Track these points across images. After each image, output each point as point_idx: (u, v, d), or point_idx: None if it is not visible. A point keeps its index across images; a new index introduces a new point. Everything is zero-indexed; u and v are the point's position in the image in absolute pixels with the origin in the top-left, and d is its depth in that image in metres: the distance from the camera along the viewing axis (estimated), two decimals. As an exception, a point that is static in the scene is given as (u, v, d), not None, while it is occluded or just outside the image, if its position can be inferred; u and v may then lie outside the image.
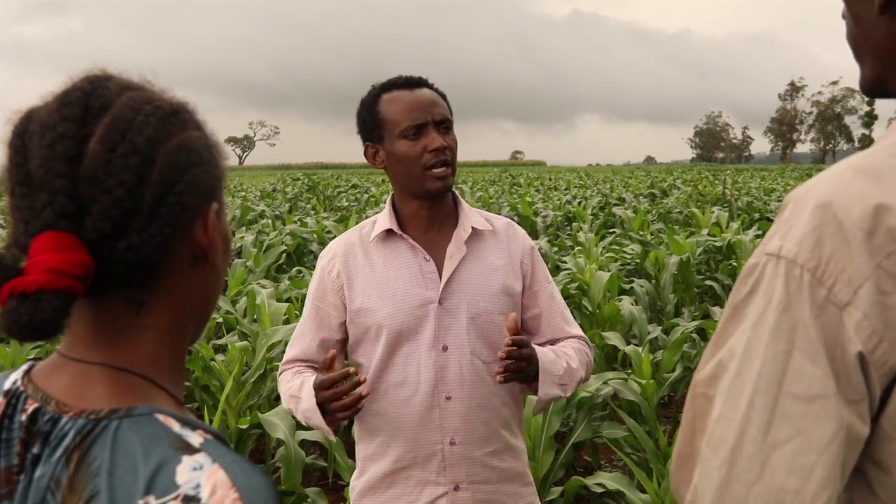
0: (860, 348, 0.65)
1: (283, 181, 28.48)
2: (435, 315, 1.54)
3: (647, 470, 3.03)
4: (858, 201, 0.67)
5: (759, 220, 11.18)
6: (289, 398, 1.56)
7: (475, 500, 1.53)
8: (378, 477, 1.56)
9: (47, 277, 0.57)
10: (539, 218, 11.80)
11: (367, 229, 1.64)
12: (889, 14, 0.75)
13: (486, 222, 1.64)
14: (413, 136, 1.52)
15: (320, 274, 1.63)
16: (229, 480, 0.57)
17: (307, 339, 1.62)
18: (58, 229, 0.59)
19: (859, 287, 0.65)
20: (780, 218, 0.72)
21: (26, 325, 0.57)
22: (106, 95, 0.63)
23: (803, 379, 0.66)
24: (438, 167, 1.52)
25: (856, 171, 0.70)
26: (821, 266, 0.67)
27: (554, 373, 1.53)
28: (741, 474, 0.67)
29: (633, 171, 51.04)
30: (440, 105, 1.56)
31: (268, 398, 3.81)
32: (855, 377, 0.66)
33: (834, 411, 0.65)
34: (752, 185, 23.33)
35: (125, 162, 0.61)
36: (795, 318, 0.67)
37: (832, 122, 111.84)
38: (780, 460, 0.66)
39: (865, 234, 0.66)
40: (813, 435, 0.65)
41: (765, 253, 0.71)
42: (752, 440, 0.67)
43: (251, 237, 8.56)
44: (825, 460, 0.65)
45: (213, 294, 0.73)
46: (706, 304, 6.01)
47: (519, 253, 1.64)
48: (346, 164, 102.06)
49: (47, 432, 0.61)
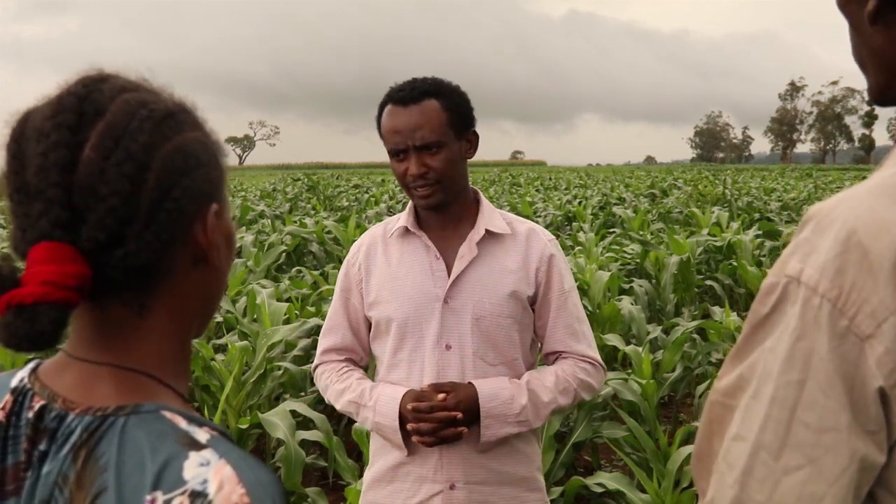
0: (881, 383, 0.64)
1: (283, 181, 28.47)
2: (440, 313, 1.55)
3: (647, 470, 3.03)
4: (885, 230, 0.65)
5: (759, 220, 11.18)
6: (347, 402, 1.60)
7: (471, 500, 1.54)
8: (383, 470, 1.61)
9: (43, 290, 0.57)
10: (539, 218, 11.80)
11: (391, 225, 1.67)
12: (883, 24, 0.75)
13: (507, 226, 1.62)
14: (397, 158, 1.55)
15: (346, 266, 1.68)
16: (236, 476, 0.57)
17: (341, 331, 1.68)
18: (53, 239, 0.58)
19: (884, 321, 0.64)
20: (800, 235, 0.70)
21: (23, 337, 0.57)
22: (100, 100, 0.62)
23: (816, 409, 0.65)
24: (419, 189, 1.54)
25: (880, 194, 0.68)
26: (842, 296, 0.65)
27: (506, 414, 1.52)
28: (753, 495, 0.68)
29: (633, 170, 51.02)
30: (425, 126, 1.51)
31: (268, 398, 3.81)
32: (874, 410, 0.65)
33: (846, 444, 0.65)
34: (753, 184, 23.33)
35: (120, 169, 0.60)
36: (810, 349, 0.66)
37: (832, 122, 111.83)
38: (789, 487, 0.66)
39: (892, 265, 0.64)
40: (824, 465, 0.65)
41: (785, 274, 0.69)
42: (764, 464, 0.67)
43: (251, 237, 8.55)
44: (835, 491, 0.65)
45: (216, 293, 0.73)
46: (706, 304, 6.00)
47: (536, 259, 1.61)
48: (347, 164, 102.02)
49: (54, 429, 0.62)
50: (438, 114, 1.52)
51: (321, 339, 1.71)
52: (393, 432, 1.53)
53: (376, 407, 1.55)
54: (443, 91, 1.55)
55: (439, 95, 1.54)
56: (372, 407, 1.55)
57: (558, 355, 1.64)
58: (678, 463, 2.81)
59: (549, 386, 1.57)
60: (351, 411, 1.60)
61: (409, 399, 1.51)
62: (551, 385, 1.57)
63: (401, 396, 1.52)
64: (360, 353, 1.69)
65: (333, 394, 1.64)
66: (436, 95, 1.54)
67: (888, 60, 0.77)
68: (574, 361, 1.62)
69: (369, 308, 1.62)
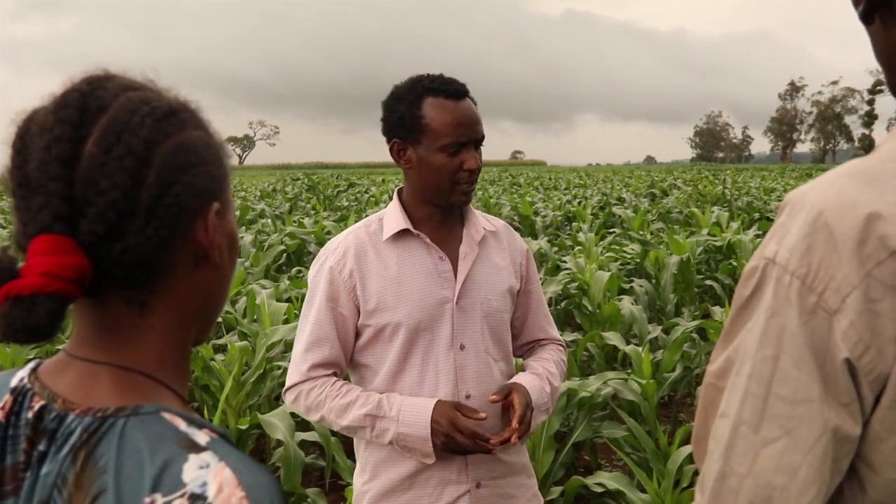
0: (847, 355, 0.67)
1: (283, 181, 28.47)
2: (452, 314, 1.55)
3: (647, 470, 3.03)
4: (850, 210, 0.68)
5: (759, 219, 11.18)
6: (359, 417, 1.50)
7: (495, 494, 1.56)
8: (396, 480, 1.54)
9: (41, 281, 0.57)
10: (539, 218, 11.80)
11: (374, 227, 1.60)
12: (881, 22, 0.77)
13: (490, 223, 1.68)
14: (450, 152, 1.51)
15: (330, 273, 1.55)
16: (235, 478, 0.57)
17: (328, 343, 1.55)
18: (53, 232, 0.59)
19: (847, 295, 0.67)
20: (777, 220, 0.75)
21: (20, 328, 0.57)
22: (103, 97, 0.63)
23: (790, 382, 0.69)
24: (466, 185, 1.54)
25: (850, 176, 0.71)
26: (811, 274, 0.68)
27: (540, 404, 1.57)
28: (735, 467, 0.71)
29: (633, 170, 51.06)
30: (480, 121, 1.55)
31: (267, 398, 3.81)
32: (843, 382, 0.68)
33: (818, 415, 0.68)
34: (752, 184, 23.33)
35: (120, 164, 0.60)
36: (782, 325, 0.69)
37: (832, 122, 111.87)
38: (768, 458, 0.70)
39: (856, 243, 0.67)
40: (799, 436, 0.69)
41: (763, 257, 0.73)
42: (744, 437, 0.71)
43: (251, 237, 8.56)
44: (810, 460, 0.68)
45: (218, 293, 0.72)
46: (706, 303, 6.00)
47: (518, 254, 1.70)
48: (346, 164, 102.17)
49: (53, 430, 0.62)
50: (477, 111, 1.57)
51: (304, 353, 1.56)
52: (423, 442, 1.47)
53: (400, 417, 1.48)
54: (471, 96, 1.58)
55: (471, 97, 1.57)
56: (394, 418, 1.48)
57: (536, 343, 1.74)
58: (678, 463, 2.81)
59: (555, 372, 1.67)
60: (364, 425, 1.50)
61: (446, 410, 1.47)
62: (556, 371, 1.67)
63: (432, 406, 1.48)
64: (344, 367, 1.60)
65: (335, 410, 1.52)
66: (470, 97, 1.57)
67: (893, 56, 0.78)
68: (555, 347, 1.74)
69: (368, 316, 1.54)
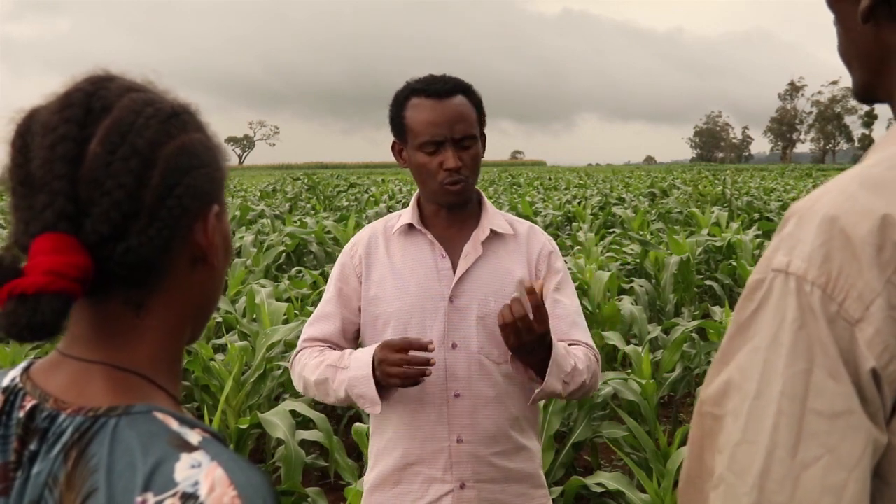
0: (873, 364, 0.65)
1: (282, 181, 28.47)
2: (445, 312, 1.54)
3: (647, 470, 3.03)
4: (866, 215, 0.66)
5: (759, 219, 11.18)
6: (324, 368, 1.53)
7: (480, 498, 1.53)
8: (387, 472, 1.57)
9: (46, 279, 0.57)
10: (539, 218, 11.80)
11: (392, 221, 1.66)
12: (874, 22, 0.76)
13: (509, 226, 1.63)
14: (430, 152, 1.53)
15: (344, 257, 1.66)
16: (227, 478, 0.57)
17: (331, 321, 1.63)
18: (57, 231, 0.59)
19: (871, 303, 0.65)
20: (782, 232, 0.71)
21: (25, 326, 0.57)
22: (108, 97, 0.63)
23: (826, 395, 0.65)
24: (452, 184, 1.53)
25: (860, 184, 0.69)
26: (831, 282, 0.66)
27: (563, 367, 1.48)
28: (772, 497, 0.65)
29: (633, 170, 51.04)
30: (464, 120, 1.53)
31: (268, 398, 3.81)
32: (870, 391, 0.65)
33: (861, 425, 0.64)
34: (752, 184, 23.34)
35: (125, 164, 0.61)
36: (812, 336, 0.66)
37: (832, 122, 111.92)
38: (811, 480, 0.64)
39: (875, 249, 0.65)
40: (842, 451, 0.64)
41: (771, 269, 0.69)
42: (781, 462, 0.65)
43: (251, 237, 8.55)
44: (856, 475, 0.64)
45: (213, 295, 0.73)
46: (706, 303, 6.01)
47: (536, 255, 1.63)
48: (346, 164, 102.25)
49: (45, 429, 0.61)
50: (469, 109, 1.56)
51: (307, 327, 1.66)
52: (366, 381, 1.46)
53: (350, 364, 1.50)
54: (468, 88, 1.58)
55: (467, 92, 1.58)
56: (347, 366, 1.50)
57: None
58: (678, 463, 2.81)
59: (581, 357, 1.55)
60: (327, 376, 1.52)
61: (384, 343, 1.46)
62: (582, 357, 1.55)
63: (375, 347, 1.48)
64: (342, 344, 1.63)
65: (310, 368, 1.57)
66: (464, 92, 1.57)
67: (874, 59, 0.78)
68: (587, 348, 1.59)
69: (368, 303, 1.60)
